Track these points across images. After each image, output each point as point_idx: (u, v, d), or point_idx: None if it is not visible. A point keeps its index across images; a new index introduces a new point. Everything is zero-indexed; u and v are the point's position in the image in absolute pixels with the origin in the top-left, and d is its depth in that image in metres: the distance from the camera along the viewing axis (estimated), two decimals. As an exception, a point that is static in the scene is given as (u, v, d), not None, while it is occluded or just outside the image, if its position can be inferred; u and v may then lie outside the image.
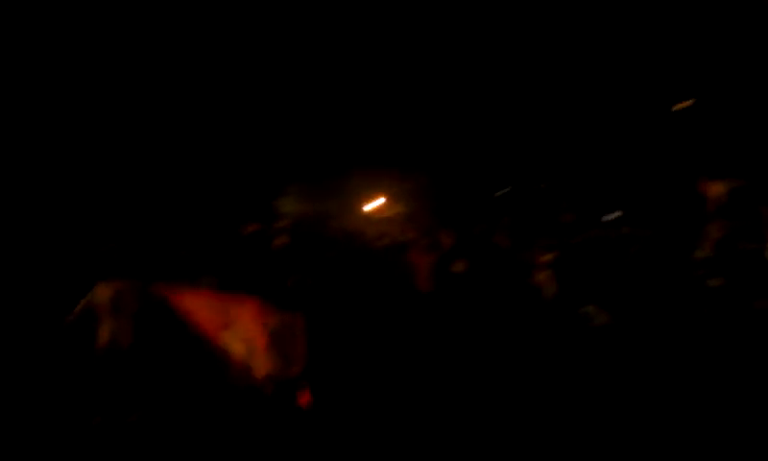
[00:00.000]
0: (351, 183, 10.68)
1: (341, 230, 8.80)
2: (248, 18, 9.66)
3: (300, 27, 9.94)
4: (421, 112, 12.00)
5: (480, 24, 10.22)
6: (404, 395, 5.99)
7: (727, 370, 5.30)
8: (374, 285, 7.44)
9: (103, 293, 5.44)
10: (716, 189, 6.64)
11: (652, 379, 5.39)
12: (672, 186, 8.93)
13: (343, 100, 11.62)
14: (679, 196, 8.13)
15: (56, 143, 9.53)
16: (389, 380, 6.32)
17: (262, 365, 4.47)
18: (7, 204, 8.86)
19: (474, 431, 5.10)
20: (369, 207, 10.47)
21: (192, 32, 9.60)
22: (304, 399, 4.57)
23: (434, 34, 10.32)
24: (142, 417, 5.39)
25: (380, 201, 10.65)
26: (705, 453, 4.40)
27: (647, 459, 4.36)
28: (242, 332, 4.73)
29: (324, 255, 7.77)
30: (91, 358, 5.47)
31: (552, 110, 11.64)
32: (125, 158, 9.95)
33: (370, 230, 8.88)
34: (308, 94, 11.37)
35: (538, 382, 5.63)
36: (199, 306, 4.90)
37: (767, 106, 8.95)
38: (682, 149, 9.84)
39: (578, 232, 8.11)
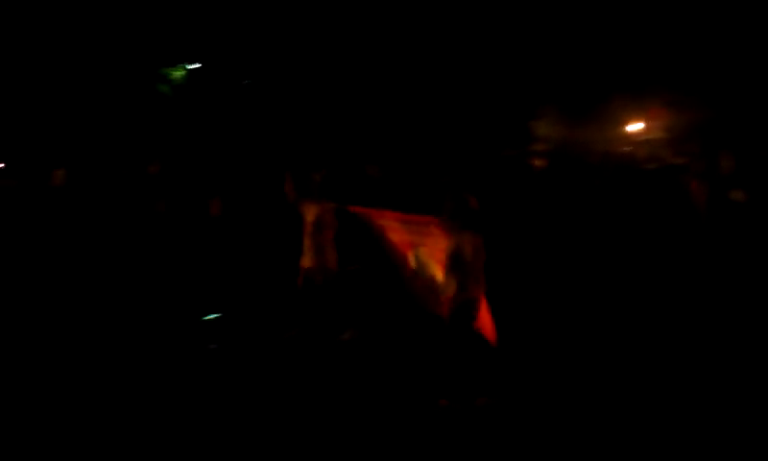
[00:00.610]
0: (610, 106, 10.18)
1: (602, 153, 8.48)
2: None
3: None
4: (687, 33, 10.95)
5: None
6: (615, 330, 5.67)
7: None
8: (640, 212, 7.13)
9: (308, 212, 5.93)
10: None
11: None
12: None
13: (604, 23, 11.04)
14: None
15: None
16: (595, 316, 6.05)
17: (446, 286, 4.53)
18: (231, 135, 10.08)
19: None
20: (629, 130, 9.91)
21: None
22: (485, 325, 4.54)
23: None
24: (346, 333, 5.86)
25: (639, 125, 10.02)
26: None
27: None
28: (429, 252, 4.84)
29: (586, 179, 7.60)
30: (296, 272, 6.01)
31: None
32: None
33: (634, 154, 8.44)
34: (569, 20, 11.02)
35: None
36: (392, 226, 5.08)
37: None
38: None
39: None
